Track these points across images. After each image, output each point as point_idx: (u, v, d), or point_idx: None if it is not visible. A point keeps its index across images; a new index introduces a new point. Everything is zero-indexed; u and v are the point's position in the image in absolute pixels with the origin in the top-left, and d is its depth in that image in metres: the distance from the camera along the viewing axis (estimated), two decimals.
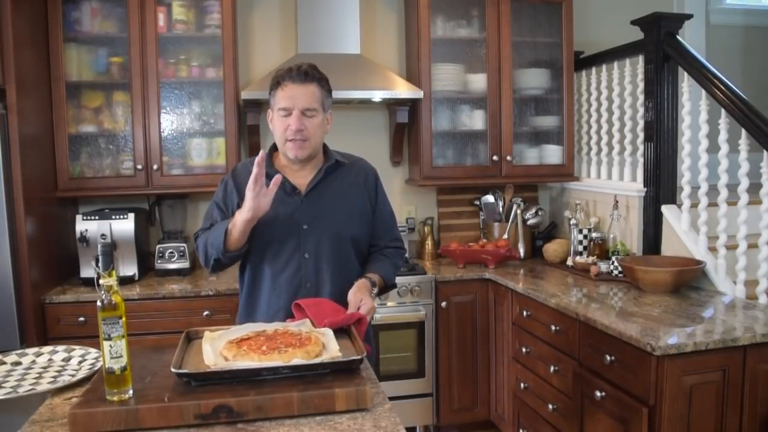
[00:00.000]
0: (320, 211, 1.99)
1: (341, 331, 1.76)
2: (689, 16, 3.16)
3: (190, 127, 3.41)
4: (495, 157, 3.66)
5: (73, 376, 1.70)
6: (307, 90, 1.92)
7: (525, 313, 3.00)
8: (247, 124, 3.49)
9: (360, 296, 1.88)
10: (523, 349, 3.02)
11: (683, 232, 2.93)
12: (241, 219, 1.84)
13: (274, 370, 1.48)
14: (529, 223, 3.76)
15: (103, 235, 3.16)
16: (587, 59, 3.75)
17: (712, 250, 2.82)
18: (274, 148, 2.10)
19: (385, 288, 2.09)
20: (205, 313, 3.06)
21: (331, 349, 1.58)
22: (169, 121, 3.37)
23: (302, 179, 2.02)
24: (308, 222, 1.98)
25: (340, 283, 1.98)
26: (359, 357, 1.53)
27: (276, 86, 1.95)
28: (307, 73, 1.93)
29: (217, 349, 1.57)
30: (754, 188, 2.65)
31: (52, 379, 1.69)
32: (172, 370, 1.45)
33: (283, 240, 1.97)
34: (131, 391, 1.43)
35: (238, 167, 2.12)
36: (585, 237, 3.38)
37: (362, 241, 2.11)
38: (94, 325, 1.45)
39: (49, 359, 1.86)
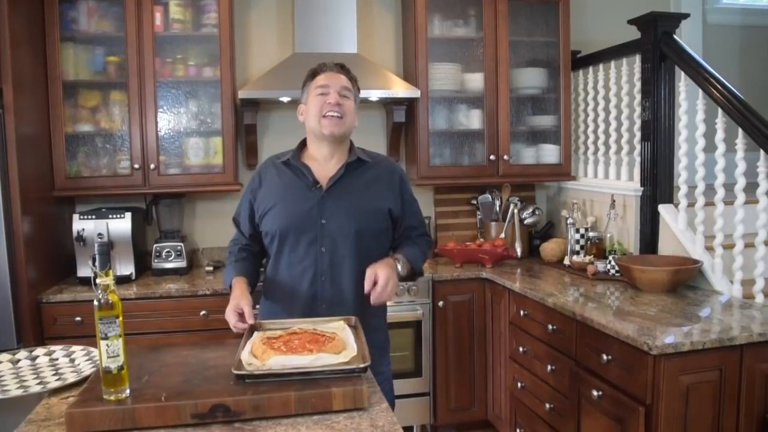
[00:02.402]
0: (340, 207, 2.02)
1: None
2: (686, 16, 3.16)
3: (187, 126, 3.40)
4: (492, 157, 3.67)
5: (70, 375, 1.70)
6: (344, 78, 2.04)
7: (522, 312, 3.01)
8: (244, 124, 3.49)
9: (374, 269, 1.89)
10: (520, 349, 3.02)
11: (680, 232, 2.94)
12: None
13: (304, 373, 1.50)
14: (526, 222, 3.77)
15: (100, 234, 3.15)
16: (584, 59, 3.75)
17: (709, 249, 2.83)
18: (302, 144, 2.14)
19: (413, 274, 2.13)
20: (202, 312, 3.06)
21: (350, 346, 1.62)
22: (166, 121, 3.37)
23: (326, 172, 2.05)
24: (327, 217, 2.00)
25: (362, 280, 1.99)
26: (365, 365, 1.53)
27: (312, 76, 2.05)
28: (343, 66, 2.07)
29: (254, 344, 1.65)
30: (751, 187, 2.65)
31: (49, 379, 1.69)
32: (233, 371, 1.48)
33: (301, 233, 2.01)
34: (128, 391, 1.42)
35: (266, 161, 2.19)
36: (582, 236, 3.38)
37: (387, 237, 2.13)
38: (90, 324, 1.45)
39: (47, 359, 1.86)
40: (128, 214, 3.22)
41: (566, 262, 3.43)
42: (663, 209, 3.05)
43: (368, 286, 1.87)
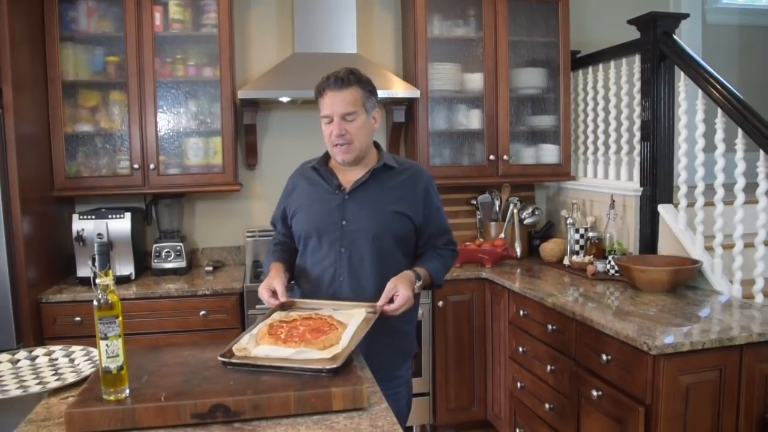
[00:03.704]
0: (361, 210, 2.05)
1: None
2: (686, 16, 3.16)
3: (186, 126, 3.40)
4: (492, 157, 3.67)
5: (70, 375, 1.70)
6: (346, 95, 1.99)
7: (522, 312, 3.01)
8: (243, 124, 3.49)
9: (396, 284, 1.91)
10: (520, 349, 3.02)
11: (680, 232, 2.94)
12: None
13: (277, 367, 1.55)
14: (525, 222, 3.77)
15: (99, 234, 3.15)
16: (584, 58, 3.75)
17: (709, 249, 2.83)
18: None
19: (431, 285, 2.14)
20: (202, 312, 3.06)
21: (342, 343, 1.62)
22: (166, 121, 3.37)
23: (352, 177, 2.09)
24: (348, 219, 2.05)
25: (384, 281, 1.98)
26: (332, 367, 1.51)
27: (319, 95, 2.04)
28: (344, 79, 1.99)
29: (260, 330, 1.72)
30: (751, 187, 2.66)
31: (49, 379, 1.69)
32: (219, 358, 1.58)
33: (323, 233, 2.07)
34: (128, 391, 1.42)
35: (299, 166, 2.26)
36: (582, 236, 3.38)
37: (409, 242, 2.13)
38: (90, 324, 1.45)
39: (46, 359, 1.86)
40: (128, 214, 3.22)
41: (566, 262, 3.43)
42: (662, 209, 3.05)
43: (384, 300, 1.89)
